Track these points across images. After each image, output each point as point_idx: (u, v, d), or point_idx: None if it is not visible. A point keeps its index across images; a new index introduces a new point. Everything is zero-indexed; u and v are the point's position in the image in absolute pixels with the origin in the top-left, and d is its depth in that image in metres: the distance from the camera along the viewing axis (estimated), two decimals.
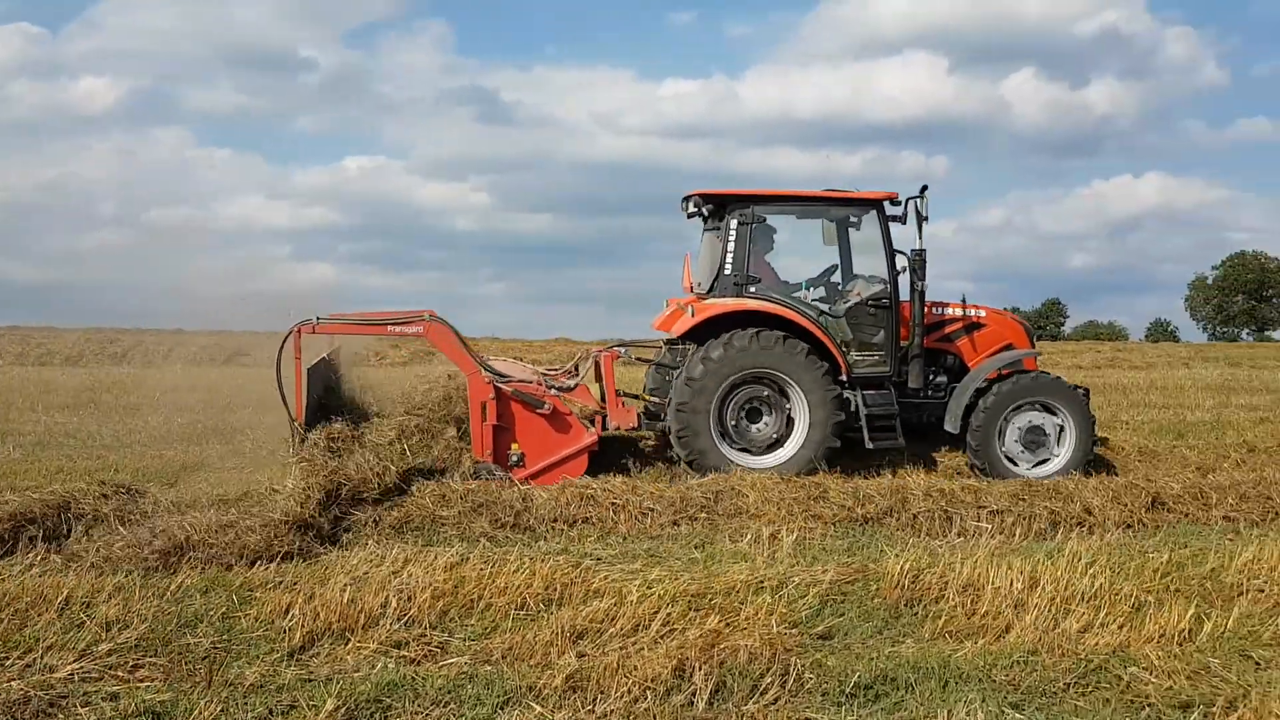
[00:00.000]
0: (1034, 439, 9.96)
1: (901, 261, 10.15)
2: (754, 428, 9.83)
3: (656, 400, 10.46)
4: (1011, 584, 5.97)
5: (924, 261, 10.04)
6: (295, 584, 5.95)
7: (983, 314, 10.82)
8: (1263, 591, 6.20)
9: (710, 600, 5.80)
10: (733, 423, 9.73)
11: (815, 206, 10.48)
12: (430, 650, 5.17)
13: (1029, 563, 6.36)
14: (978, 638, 5.42)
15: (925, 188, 9.95)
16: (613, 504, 8.14)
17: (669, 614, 5.49)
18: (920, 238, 10.01)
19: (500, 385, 9.27)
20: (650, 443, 11.12)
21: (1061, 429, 9.99)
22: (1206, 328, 65.09)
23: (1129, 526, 8.08)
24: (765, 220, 10.25)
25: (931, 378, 10.50)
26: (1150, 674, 4.89)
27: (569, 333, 31.72)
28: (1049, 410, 10.00)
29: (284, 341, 9.03)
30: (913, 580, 6.17)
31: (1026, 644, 5.25)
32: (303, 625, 5.33)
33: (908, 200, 10.09)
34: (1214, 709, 4.61)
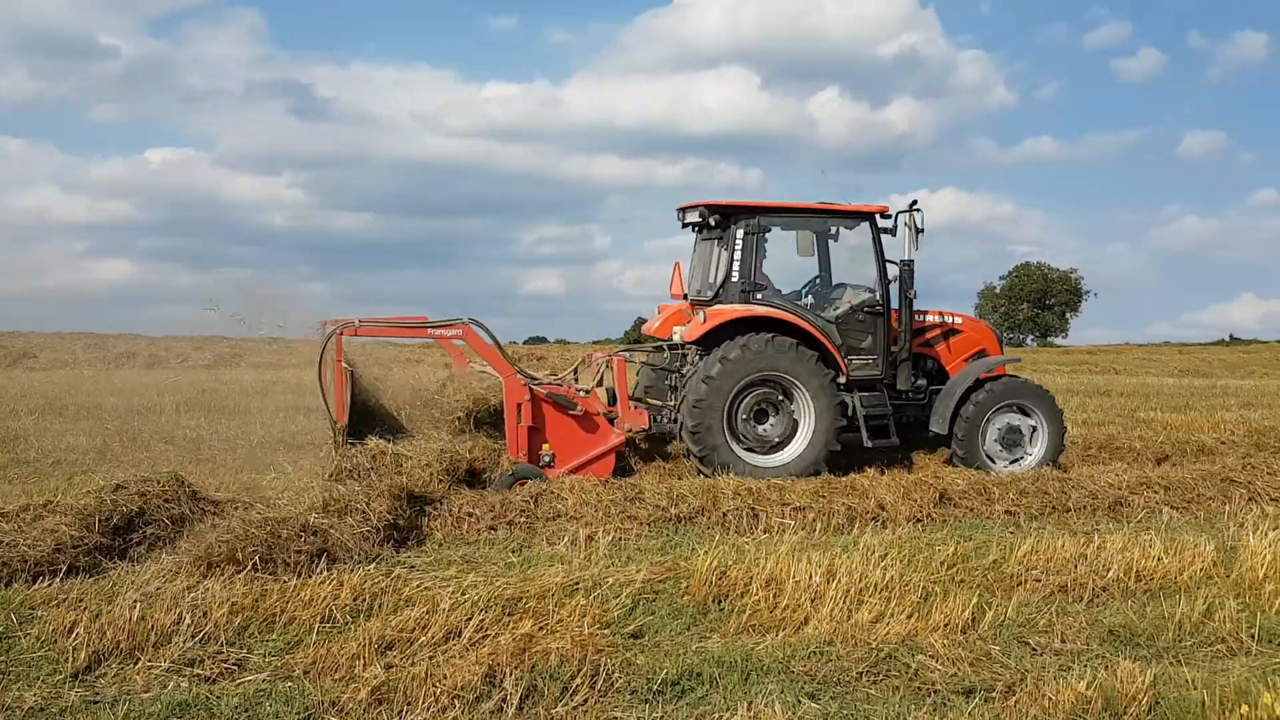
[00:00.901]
0: (1011, 438, 10.76)
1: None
2: (760, 428, 10.25)
3: (655, 402, 10.86)
4: (811, 577, 6.23)
5: (912, 271, 10.71)
6: (80, 601, 5.61)
7: (959, 321, 11.55)
8: (1039, 581, 6.66)
9: (525, 604, 5.81)
10: (741, 423, 10.14)
11: (815, 218, 11.02)
12: (227, 668, 4.98)
13: (827, 556, 6.66)
14: (778, 630, 5.64)
15: (915, 202, 10.64)
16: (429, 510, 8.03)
17: (482, 620, 5.48)
18: (916, 248, 10.66)
19: (534, 388, 9.51)
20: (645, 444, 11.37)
21: (1035, 429, 10.84)
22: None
23: (919, 521, 8.52)
24: (770, 231, 10.74)
25: (912, 381, 11.05)
26: (936, 661, 5.20)
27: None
28: (1024, 412, 10.83)
29: (324, 345, 9.06)
30: (720, 577, 6.35)
31: (823, 635, 5.50)
32: (88, 644, 5.03)
33: (897, 214, 10.78)
34: (994, 694, 4.91)
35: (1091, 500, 9.15)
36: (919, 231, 10.60)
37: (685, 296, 11.37)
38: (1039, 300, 68.42)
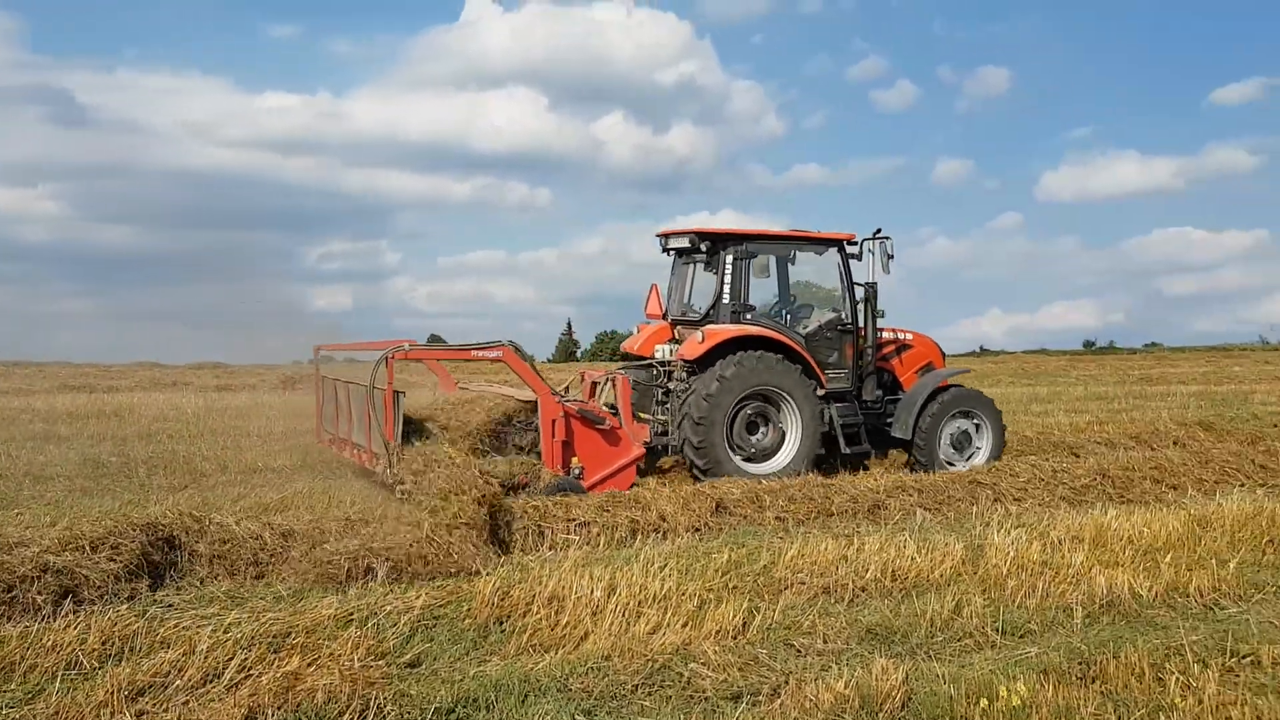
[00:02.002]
0: (962, 440, 12.10)
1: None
2: (752, 439, 11.25)
3: (646, 417, 11.61)
4: (592, 592, 6.27)
5: (876, 293, 11.98)
6: None
7: (909, 337, 12.79)
8: (805, 584, 6.94)
9: (293, 640, 5.56)
10: (737, 433, 11.12)
11: (791, 244, 12.11)
12: None
13: (609, 570, 6.71)
14: (559, 648, 5.65)
15: (879, 230, 11.86)
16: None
17: (245, 659, 5.20)
18: (887, 272, 11.89)
19: (566, 405, 10.14)
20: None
21: (980, 431, 12.27)
22: None
23: (697, 530, 8.75)
24: (755, 256, 11.63)
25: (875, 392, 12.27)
26: (708, 668, 5.34)
27: (159, 356, 29.30)
28: (971, 417, 12.20)
29: (376, 367, 9.33)
30: (502, 597, 6.30)
31: (601, 650, 5.55)
32: None
33: (862, 240, 11.97)
34: (760, 697, 5.07)
35: (852, 504, 9.65)
36: (890, 257, 11.79)
37: (664, 316, 12.35)
38: None
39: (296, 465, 11.94)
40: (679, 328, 12.09)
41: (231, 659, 5.16)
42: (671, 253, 12.30)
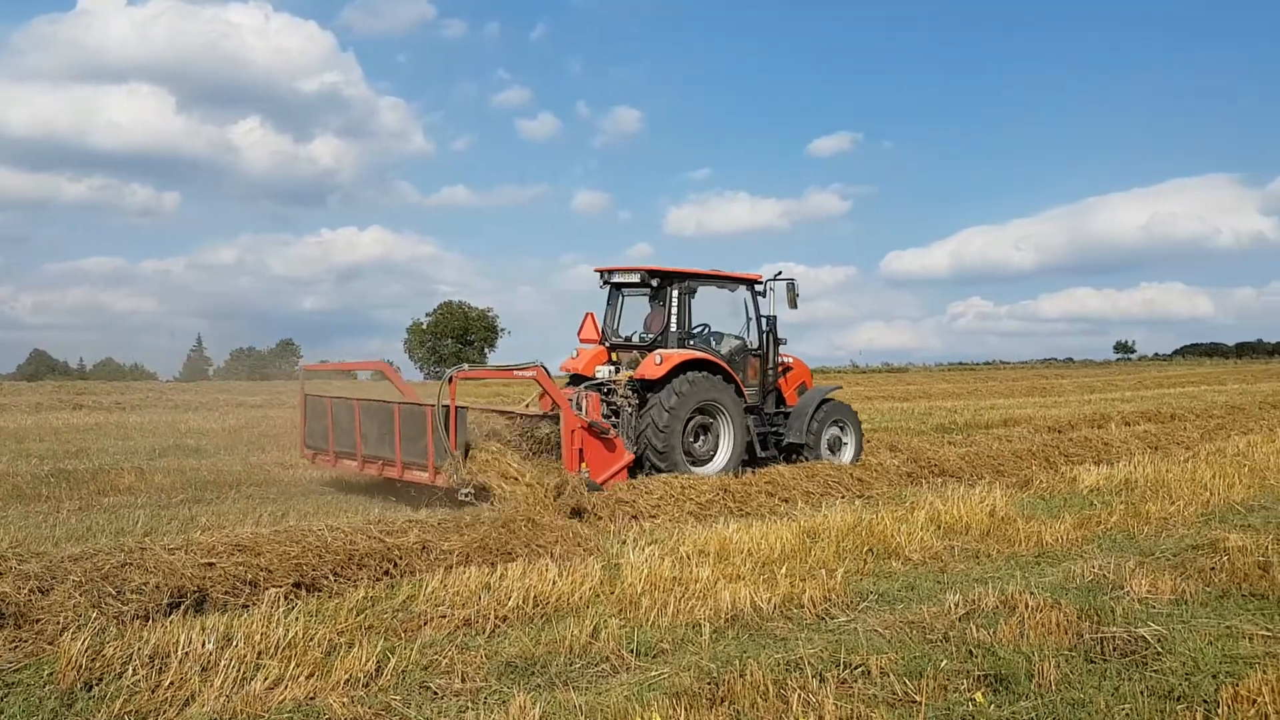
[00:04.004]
0: (835, 444, 14.70)
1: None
2: (695, 445, 13.12)
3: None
4: (203, 645, 5.63)
5: (776, 324, 14.39)
6: None
7: (790, 361, 15.10)
8: (445, 617, 6.61)
9: None
10: (688, 441, 12.95)
11: (718, 282, 14.21)
12: None
13: (224, 620, 6.08)
14: (158, 714, 4.98)
15: (780, 272, 14.24)
16: None
17: None
18: (793, 308, 14.17)
19: (581, 419, 11.58)
20: None
21: (847, 437, 14.88)
22: (422, 368, 71.76)
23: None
24: (696, 291, 13.74)
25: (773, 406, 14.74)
26: None
27: None
28: (840, 426, 14.80)
29: (441, 387, 10.33)
30: (93, 657, 5.50)
31: (209, 713, 4.95)
32: None
33: (766, 280, 14.37)
34: None
35: None
36: (797, 295, 14.16)
37: (602, 341, 14.10)
38: (461, 336, 72.27)
39: None
40: (617, 351, 13.94)
41: None
42: (609, 286, 14.16)
